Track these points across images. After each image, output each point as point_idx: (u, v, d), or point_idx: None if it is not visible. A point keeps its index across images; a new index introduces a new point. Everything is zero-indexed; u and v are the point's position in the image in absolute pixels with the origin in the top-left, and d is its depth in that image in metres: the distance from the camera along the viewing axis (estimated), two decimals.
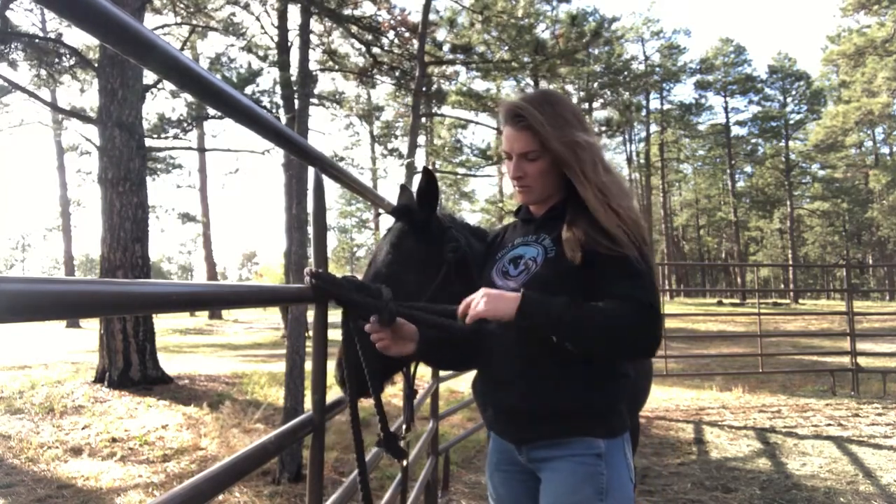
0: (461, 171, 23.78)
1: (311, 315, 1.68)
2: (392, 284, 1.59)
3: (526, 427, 1.48)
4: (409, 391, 1.79)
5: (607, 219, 1.41)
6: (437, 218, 1.81)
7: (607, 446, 1.41)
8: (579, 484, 1.38)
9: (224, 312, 31.08)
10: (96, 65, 10.10)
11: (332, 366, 1.63)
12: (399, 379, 1.83)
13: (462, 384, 8.15)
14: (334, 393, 1.73)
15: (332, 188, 43.26)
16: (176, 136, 16.43)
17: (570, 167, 1.48)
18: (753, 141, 44.39)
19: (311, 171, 1.65)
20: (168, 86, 14.45)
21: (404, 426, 1.85)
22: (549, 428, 1.44)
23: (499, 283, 1.53)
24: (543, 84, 27.40)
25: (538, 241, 1.54)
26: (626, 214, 1.43)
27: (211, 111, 15.29)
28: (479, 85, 21.37)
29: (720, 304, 31.20)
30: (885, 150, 42.97)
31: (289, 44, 13.39)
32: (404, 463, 1.76)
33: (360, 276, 1.65)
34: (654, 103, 43.80)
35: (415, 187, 1.84)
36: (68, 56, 13.07)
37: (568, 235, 1.44)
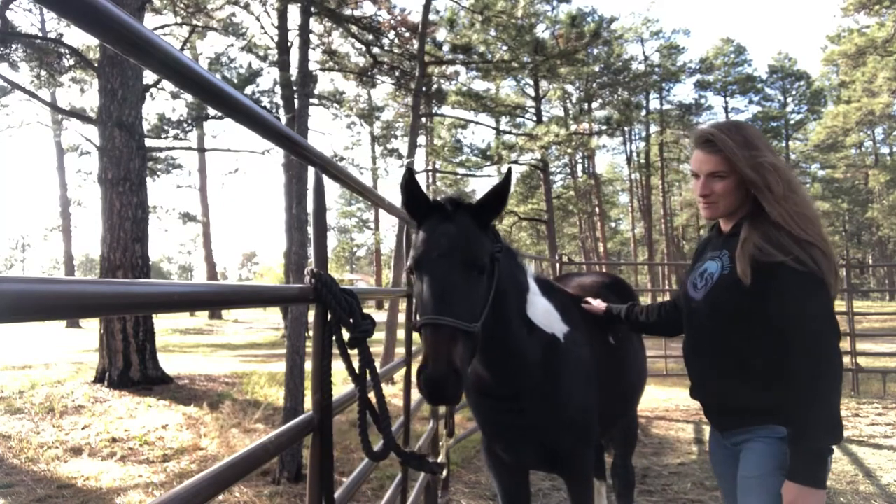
0: (461, 171, 23.69)
1: (311, 315, 1.68)
2: (476, 272, 1.74)
3: (720, 419, 1.85)
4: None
5: (798, 232, 1.61)
6: None
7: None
8: (765, 459, 1.68)
9: (224, 312, 31.08)
10: (96, 65, 10.10)
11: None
12: (399, 379, 1.83)
13: None
14: (335, 393, 1.72)
15: (332, 188, 43.26)
16: (176, 137, 16.45)
17: (757, 187, 1.67)
18: None
19: (311, 171, 1.65)
20: (168, 86, 14.46)
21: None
22: (737, 420, 1.76)
23: (691, 293, 1.85)
24: (544, 84, 27.38)
25: (720, 256, 1.77)
26: (814, 236, 1.60)
27: (211, 111, 15.30)
28: (479, 85, 21.36)
29: None
30: (885, 150, 42.95)
31: (289, 44, 13.38)
32: (444, 473, 1.81)
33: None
34: (654, 103, 43.68)
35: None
36: (68, 56, 13.07)
37: (739, 252, 1.65)
